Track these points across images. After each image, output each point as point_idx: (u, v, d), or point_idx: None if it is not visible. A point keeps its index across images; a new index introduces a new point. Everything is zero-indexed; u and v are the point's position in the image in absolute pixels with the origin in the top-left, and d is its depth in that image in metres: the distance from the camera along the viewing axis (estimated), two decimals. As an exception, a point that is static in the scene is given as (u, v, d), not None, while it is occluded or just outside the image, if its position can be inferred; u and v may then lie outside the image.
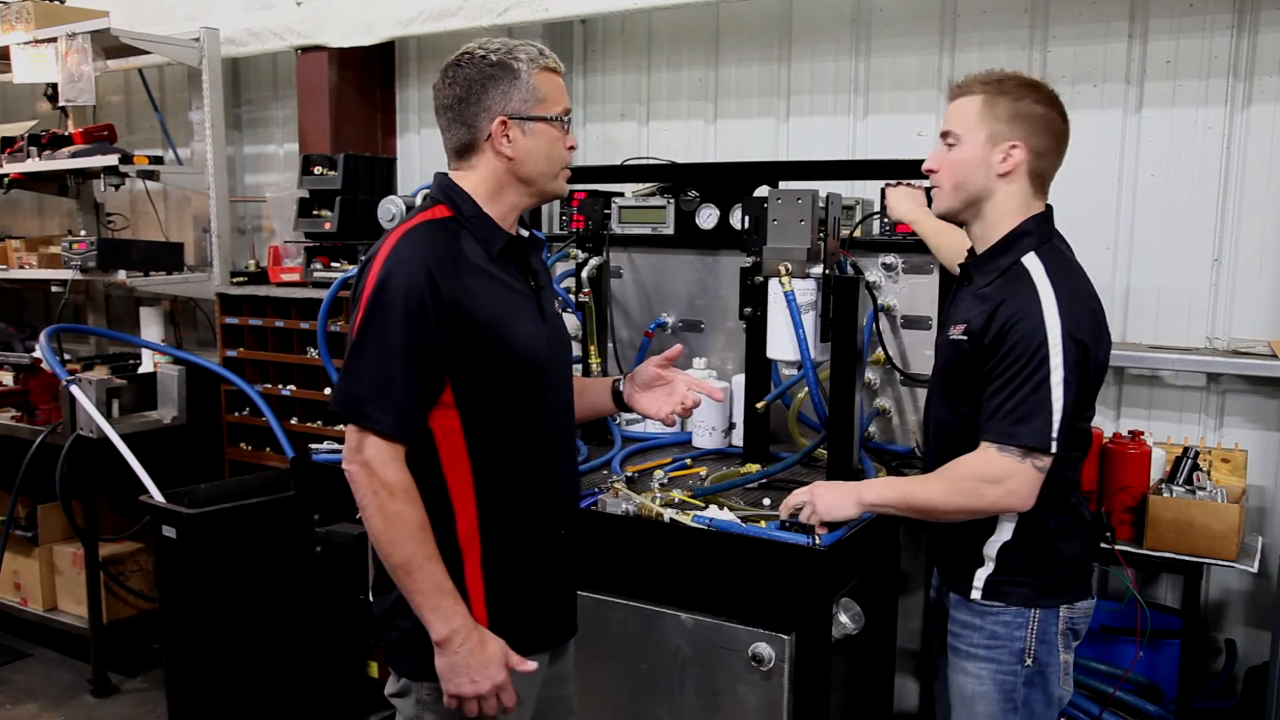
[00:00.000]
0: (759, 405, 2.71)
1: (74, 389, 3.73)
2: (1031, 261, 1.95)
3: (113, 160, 4.16)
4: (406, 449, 1.72)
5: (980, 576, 2.02)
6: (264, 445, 4.09)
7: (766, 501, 2.41)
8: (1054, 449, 1.86)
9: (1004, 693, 2.01)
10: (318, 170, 4.06)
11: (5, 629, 4.54)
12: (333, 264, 3.96)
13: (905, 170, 2.92)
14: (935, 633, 2.29)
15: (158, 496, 3.45)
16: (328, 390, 3.80)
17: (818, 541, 2.10)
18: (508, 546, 1.82)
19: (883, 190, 2.73)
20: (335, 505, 2.88)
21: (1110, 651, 2.86)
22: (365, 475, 1.69)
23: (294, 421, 3.97)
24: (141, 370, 4.32)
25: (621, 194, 3.41)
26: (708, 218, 3.16)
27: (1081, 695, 2.77)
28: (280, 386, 4.00)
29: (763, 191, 2.81)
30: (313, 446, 2.92)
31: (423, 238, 1.75)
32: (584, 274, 3.14)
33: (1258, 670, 2.94)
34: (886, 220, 2.89)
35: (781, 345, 2.37)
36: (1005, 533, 2.00)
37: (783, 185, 2.41)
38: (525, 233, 1.94)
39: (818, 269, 2.34)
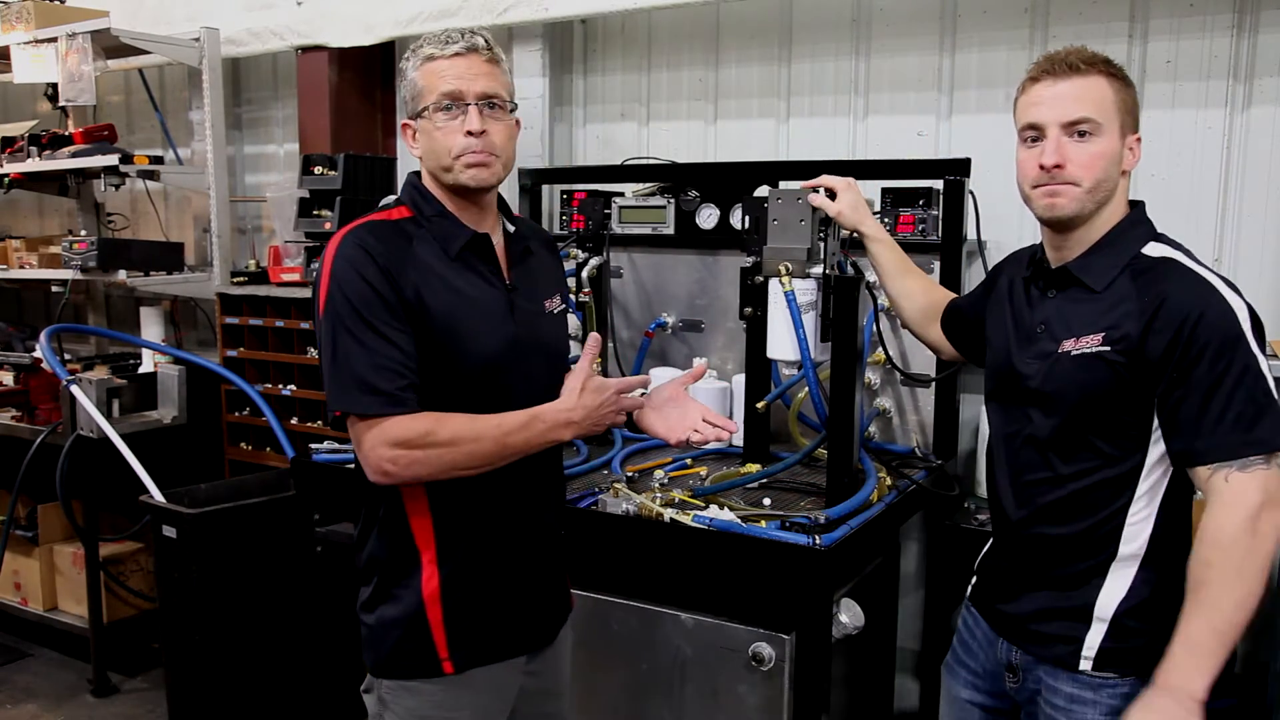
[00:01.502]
0: (759, 405, 2.72)
1: (74, 389, 3.73)
2: (1164, 249, 1.71)
3: (113, 160, 4.16)
4: (415, 410, 1.69)
5: (1090, 645, 1.73)
6: (264, 445, 4.09)
7: (767, 501, 2.41)
8: None
9: None
10: (318, 170, 4.06)
11: (5, 629, 4.54)
12: (333, 264, 3.96)
13: (906, 170, 2.93)
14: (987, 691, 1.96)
15: (158, 496, 3.45)
16: (328, 390, 3.80)
17: (818, 541, 2.09)
18: (465, 548, 1.81)
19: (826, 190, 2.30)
20: (335, 505, 2.88)
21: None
22: (397, 454, 1.66)
23: (294, 421, 3.97)
24: (142, 370, 4.32)
25: (622, 194, 3.41)
26: (708, 218, 3.16)
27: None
28: (280, 386, 4.00)
29: (763, 191, 2.81)
30: (313, 446, 2.92)
31: (366, 232, 1.75)
32: (584, 274, 3.14)
33: (1258, 670, 2.94)
34: (885, 221, 2.89)
35: (781, 345, 2.37)
36: (1121, 584, 1.70)
37: (783, 185, 2.41)
38: (512, 228, 1.91)
39: (818, 269, 2.34)
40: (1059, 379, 1.73)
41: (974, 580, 2.04)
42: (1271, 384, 1.61)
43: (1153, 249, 1.73)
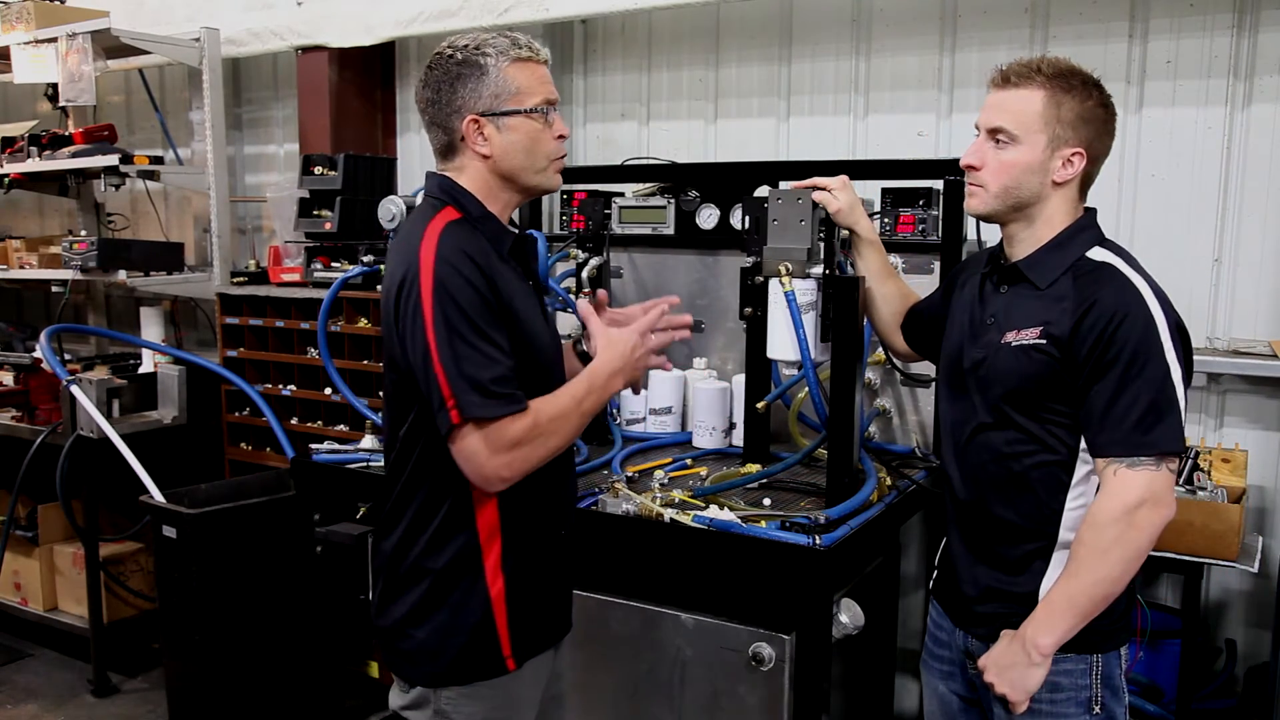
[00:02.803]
0: (759, 405, 2.71)
1: (74, 389, 3.73)
2: (1105, 255, 1.80)
3: (113, 160, 4.16)
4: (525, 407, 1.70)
5: None
6: (264, 445, 4.09)
7: (767, 501, 2.41)
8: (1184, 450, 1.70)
9: None
10: (318, 170, 4.06)
11: (5, 629, 4.54)
12: (333, 264, 3.96)
13: (906, 170, 2.93)
14: (940, 673, 2.06)
15: (158, 496, 3.45)
16: (328, 390, 3.80)
17: (818, 541, 2.10)
18: (524, 545, 1.83)
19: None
20: (335, 505, 2.88)
21: (1110, 651, 2.86)
22: (513, 456, 1.67)
23: (294, 421, 3.97)
24: (142, 370, 4.33)
25: (622, 194, 3.41)
26: (708, 218, 3.16)
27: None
28: (280, 386, 4.00)
29: (763, 191, 2.81)
30: (313, 446, 2.92)
31: (457, 232, 1.73)
32: (584, 274, 3.14)
33: (1258, 670, 2.94)
34: (886, 222, 2.89)
35: (781, 345, 2.37)
36: (1061, 570, 1.80)
37: (782, 185, 2.41)
38: (516, 231, 1.93)
39: (818, 269, 2.34)
40: (998, 366, 1.85)
41: (935, 574, 2.12)
42: (1181, 393, 1.71)
43: (1096, 253, 1.82)
